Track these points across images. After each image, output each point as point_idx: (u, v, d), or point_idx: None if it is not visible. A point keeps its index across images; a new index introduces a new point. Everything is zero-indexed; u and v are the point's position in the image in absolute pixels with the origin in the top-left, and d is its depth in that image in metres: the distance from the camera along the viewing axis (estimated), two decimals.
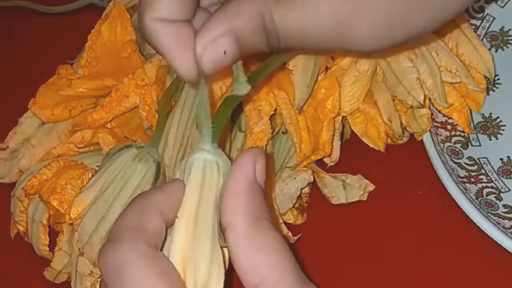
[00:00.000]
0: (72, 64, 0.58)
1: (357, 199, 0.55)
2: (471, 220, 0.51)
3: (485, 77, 0.56)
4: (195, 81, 0.38)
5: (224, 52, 0.38)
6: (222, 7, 0.39)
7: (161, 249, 0.37)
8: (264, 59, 0.47)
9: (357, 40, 0.39)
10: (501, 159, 0.56)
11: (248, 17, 0.38)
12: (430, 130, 0.55)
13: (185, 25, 0.39)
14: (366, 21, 0.38)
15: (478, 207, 0.52)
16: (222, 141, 0.44)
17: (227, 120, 0.41)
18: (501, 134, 0.57)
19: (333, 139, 0.53)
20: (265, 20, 0.38)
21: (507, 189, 0.54)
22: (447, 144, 0.55)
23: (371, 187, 0.55)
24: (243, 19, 0.38)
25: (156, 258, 0.36)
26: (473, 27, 0.59)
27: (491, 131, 0.57)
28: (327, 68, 0.55)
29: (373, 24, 0.38)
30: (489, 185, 0.54)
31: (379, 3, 0.38)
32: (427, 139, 0.55)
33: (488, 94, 0.58)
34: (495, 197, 0.53)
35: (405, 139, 0.57)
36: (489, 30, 0.61)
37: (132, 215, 0.37)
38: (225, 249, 0.38)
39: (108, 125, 0.54)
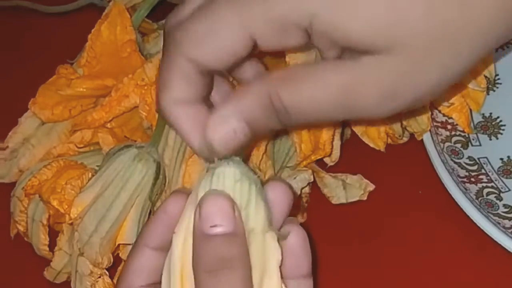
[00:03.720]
0: (72, 64, 0.58)
1: (357, 199, 0.55)
2: (471, 220, 0.51)
3: (485, 76, 0.56)
4: (209, 158, 0.39)
5: (234, 133, 0.39)
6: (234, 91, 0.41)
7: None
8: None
9: (364, 107, 0.39)
10: (501, 159, 0.56)
11: (255, 98, 0.39)
12: (430, 130, 0.55)
13: (198, 106, 0.41)
14: (372, 87, 0.38)
15: (478, 207, 0.52)
16: None
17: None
18: (501, 134, 0.57)
19: (333, 138, 0.53)
20: (273, 100, 0.39)
21: (507, 189, 0.54)
22: (447, 144, 0.55)
23: (371, 187, 0.55)
24: (250, 100, 0.39)
25: None
26: None
27: (491, 131, 0.57)
28: None
29: (378, 90, 0.38)
30: (489, 185, 0.54)
31: (382, 69, 0.38)
32: (427, 139, 0.55)
33: (488, 94, 0.58)
34: (495, 197, 0.53)
35: (405, 139, 0.56)
36: None
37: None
38: None
39: (108, 125, 0.54)
